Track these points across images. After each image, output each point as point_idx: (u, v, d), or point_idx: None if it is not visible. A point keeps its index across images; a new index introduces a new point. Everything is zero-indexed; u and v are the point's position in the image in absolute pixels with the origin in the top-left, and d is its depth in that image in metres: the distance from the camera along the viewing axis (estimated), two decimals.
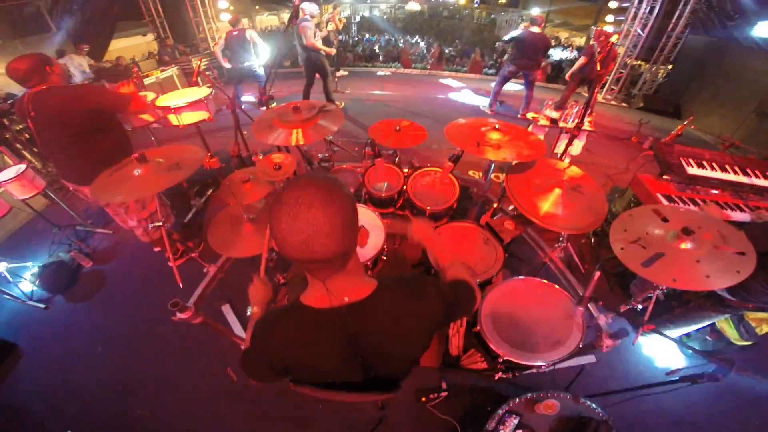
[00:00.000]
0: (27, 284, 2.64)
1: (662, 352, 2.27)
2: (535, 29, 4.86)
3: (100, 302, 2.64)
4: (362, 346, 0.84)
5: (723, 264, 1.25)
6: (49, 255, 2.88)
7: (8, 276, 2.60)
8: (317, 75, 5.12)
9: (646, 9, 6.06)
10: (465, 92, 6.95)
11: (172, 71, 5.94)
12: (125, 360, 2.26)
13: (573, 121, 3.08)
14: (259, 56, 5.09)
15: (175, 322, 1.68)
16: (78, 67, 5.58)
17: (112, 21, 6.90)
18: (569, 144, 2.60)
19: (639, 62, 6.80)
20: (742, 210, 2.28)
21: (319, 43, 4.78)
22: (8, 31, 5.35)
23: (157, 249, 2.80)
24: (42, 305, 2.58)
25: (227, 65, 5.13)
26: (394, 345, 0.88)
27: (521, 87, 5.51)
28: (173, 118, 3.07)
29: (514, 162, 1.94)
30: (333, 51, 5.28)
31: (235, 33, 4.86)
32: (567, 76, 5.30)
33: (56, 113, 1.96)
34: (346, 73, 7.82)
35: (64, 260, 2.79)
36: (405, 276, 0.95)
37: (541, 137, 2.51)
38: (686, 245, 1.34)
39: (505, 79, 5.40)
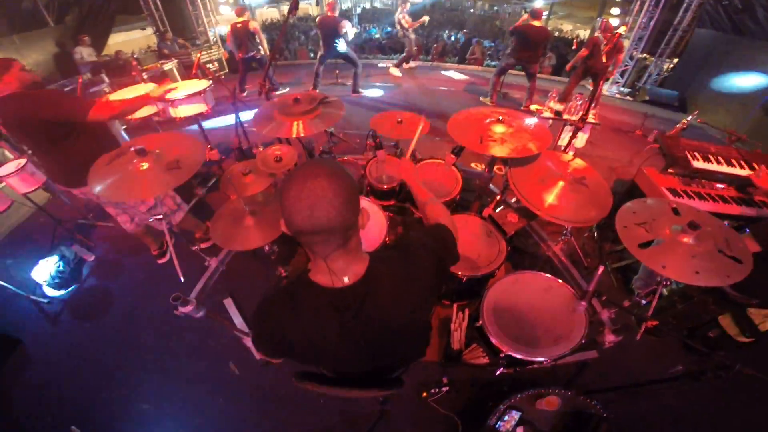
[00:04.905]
0: (29, 279, 2.63)
1: (665, 348, 2.26)
2: (536, 22, 4.81)
3: (102, 296, 2.64)
4: (365, 327, 0.84)
5: (717, 265, 1.27)
6: (51, 249, 2.88)
7: (11, 271, 2.60)
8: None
9: (651, 1, 5.96)
10: (466, 84, 6.88)
11: (172, 64, 5.90)
12: (128, 354, 2.27)
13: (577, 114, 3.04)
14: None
15: (177, 316, 1.68)
16: (89, 56, 5.57)
17: (111, 15, 6.85)
18: (573, 137, 2.57)
19: (644, 55, 6.71)
20: (748, 205, 2.25)
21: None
22: (5, 27, 5.30)
23: (162, 261, 2.76)
24: (44, 300, 2.58)
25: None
26: (400, 317, 0.89)
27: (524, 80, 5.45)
28: (170, 111, 3.04)
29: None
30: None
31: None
32: (567, 68, 5.24)
33: (15, 121, 1.88)
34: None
35: (65, 254, 2.79)
36: (392, 242, 0.95)
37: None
38: (688, 239, 1.35)
39: (502, 71, 5.36)
